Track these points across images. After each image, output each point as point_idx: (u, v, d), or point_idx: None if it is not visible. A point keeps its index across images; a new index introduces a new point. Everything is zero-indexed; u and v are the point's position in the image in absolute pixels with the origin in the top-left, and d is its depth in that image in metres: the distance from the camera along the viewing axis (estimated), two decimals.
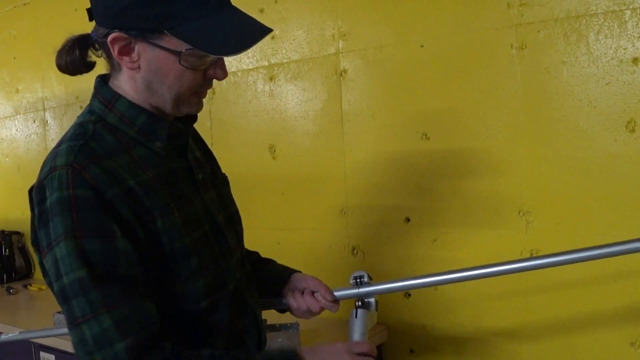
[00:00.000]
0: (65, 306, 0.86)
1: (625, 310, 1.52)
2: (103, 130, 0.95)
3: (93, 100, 1.00)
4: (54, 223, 0.87)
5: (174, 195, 0.96)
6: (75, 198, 0.86)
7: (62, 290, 0.86)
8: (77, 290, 0.84)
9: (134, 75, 0.95)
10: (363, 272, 1.17)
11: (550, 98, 1.58)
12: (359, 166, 1.93)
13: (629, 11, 1.47)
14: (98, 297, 0.84)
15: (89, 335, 0.84)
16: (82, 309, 0.84)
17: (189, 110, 1.01)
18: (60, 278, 0.86)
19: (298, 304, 1.17)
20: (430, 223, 1.80)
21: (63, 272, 0.85)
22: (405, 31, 1.80)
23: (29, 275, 2.99)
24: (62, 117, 2.84)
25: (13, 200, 3.08)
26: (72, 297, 0.85)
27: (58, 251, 0.86)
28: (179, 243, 0.94)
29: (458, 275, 1.12)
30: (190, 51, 0.90)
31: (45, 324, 2.06)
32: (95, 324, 0.84)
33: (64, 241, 0.85)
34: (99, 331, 0.84)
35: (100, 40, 0.96)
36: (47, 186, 0.89)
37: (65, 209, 0.86)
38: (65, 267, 0.85)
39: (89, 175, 0.88)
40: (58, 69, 1.00)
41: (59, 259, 0.86)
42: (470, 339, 1.75)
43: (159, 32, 0.90)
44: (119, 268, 0.87)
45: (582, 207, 1.55)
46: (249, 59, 2.15)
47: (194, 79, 0.95)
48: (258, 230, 2.12)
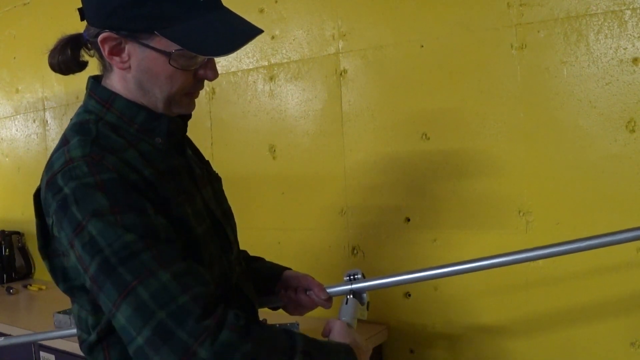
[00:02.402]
0: (112, 278, 0.80)
1: (626, 309, 1.52)
2: (105, 129, 0.94)
3: (88, 100, 0.99)
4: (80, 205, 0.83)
5: (180, 190, 0.96)
6: (102, 182, 0.84)
7: (105, 262, 0.80)
8: (125, 256, 0.80)
9: (125, 75, 0.95)
10: (358, 270, 1.17)
11: (550, 98, 1.58)
12: (359, 166, 1.93)
13: (629, 11, 1.47)
14: (150, 257, 0.80)
15: (147, 295, 0.78)
16: (135, 271, 0.79)
17: (181, 110, 1.00)
18: (102, 250, 0.81)
19: (291, 302, 1.18)
20: (430, 223, 1.80)
21: (104, 244, 0.81)
22: (405, 31, 1.80)
23: (29, 275, 2.99)
24: (62, 117, 2.84)
25: (13, 200, 3.08)
26: (120, 264, 0.80)
27: (91, 229, 0.81)
28: (192, 234, 0.94)
29: (452, 268, 1.13)
30: (180, 52, 0.90)
31: (46, 324, 2.06)
32: (154, 281, 0.78)
33: (97, 218, 0.81)
34: (158, 287, 0.78)
35: (91, 40, 0.96)
36: (62, 178, 0.86)
37: (93, 191, 0.83)
38: (108, 238, 0.81)
39: (109, 163, 0.86)
40: (50, 68, 1.00)
41: (96, 234, 0.81)
42: (470, 339, 1.75)
43: (149, 32, 0.90)
44: (161, 235, 0.84)
45: (582, 207, 1.55)
46: (249, 59, 2.16)
47: (184, 79, 0.95)
48: (258, 230, 2.12)
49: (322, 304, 1.17)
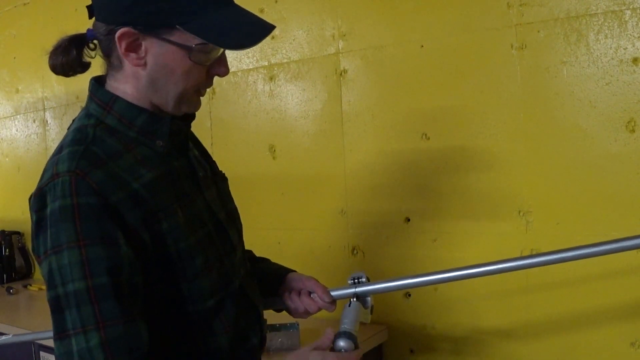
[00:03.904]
0: (57, 315, 0.84)
1: (625, 310, 1.52)
2: (103, 133, 0.93)
3: (90, 103, 0.98)
4: (53, 231, 0.84)
5: (177, 195, 0.96)
6: (78, 206, 0.84)
7: (56, 299, 0.84)
8: (72, 302, 0.83)
9: (139, 72, 0.94)
10: (362, 273, 1.17)
11: (550, 98, 1.58)
12: (359, 166, 1.93)
13: (629, 11, 1.47)
14: (93, 312, 0.82)
15: (75, 349, 0.82)
16: (74, 322, 0.83)
17: (189, 109, 1.00)
18: (56, 287, 0.84)
19: (295, 304, 1.17)
20: (431, 223, 1.80)
21: (59, 282, 0.84)
22: (405, 31, 1.80)
23: (29, 275, 2.99)
24: (62, 117, 2.84)
25: (13, 200, 3.08)
26: (66, 308, 0.83)
27: (55, 260, 0.84)
28: (184, 243, 0.93)
29: (454, 274, 1.12)
30: (200, 46, 0.90)
31: (46, 324, 2.06)
32: (83, 340, 0.82)
33: (66, 250, 0.83)
34: (85, 348, 0.82)
35: (101, 38, 0.95)
36: (49, 193, 0.86)
37: (67, 218, 0.84)
38: (64, 276, 0.83)
39: (92, 181, 0.86)
40: (52, 70, 0.98)
41: (56, 268, 0.84)
42: (470, 339, 1.75)
43: (169, 27, 0.89)
44: (121, 277, 0.85)
45: (582, 207, 1.55)
46: (249, 59, 2.16)
47: (199, 75, 0.95)
48: (258, 230, 2.12)
49: (325, 307, 1.16)
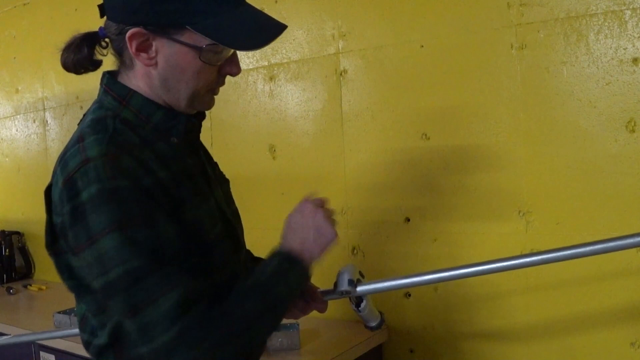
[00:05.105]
0: (118, 297, 0.83)
1: (625, 310, 1.52)
2: (122, 125, 0.92)
3: (104, 97, 0.97)
4: (94, 217, 0.83)
5: (195, 190, 0.96)
6: (116, 189, 0.83)
7: (114, 282, 0.82)
8: (132, 280, 0.81)
9: (150, 71, 0.94)
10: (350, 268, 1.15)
11: (550, 98, 1.58)
12: (359, 166, 1.93)
13: (629, 11, 1.47)
14: (153, 282, 0.82)
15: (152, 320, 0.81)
16: (144, 295, 0.81)
17: (202, 107, 1.00)
18: (109, 271, 0.82)
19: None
20: (430, 223, 1.80)
21: (112, 265, 0.82)
22: (405, 31, 1.80)
23: (29, 275, 2.99)
24: (62, 117, 2.84)
25: (13, 200, 3.08)
26: (128, 287, 0.82)
27: (104, 244, 0.82)
28: (206, 237, 0.94)
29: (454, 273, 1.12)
30: (210, 46, 0.90)
31: (46, 324, 2.06)
32: (156, 307, 0.81)
33: (111, 233, 0.82)
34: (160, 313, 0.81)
35: (112, 37, 0.95)
36: (80, 179, 0.84)
37: (108, 201, 0.83)
38: (116, 259, 0.82)
39: (125, 165, 0.85)
40: (64, 67, 0.98)
41: (105, 253, 0.82)
42: (470, 339, 1.75)
43: (179, 27, 0.89)
44: (168, 252, 0.84)
45: (582, 207, 1.55)
46: (249, 59, 2.15)
47: (210, 75, 0.95)
48: (258, 230, 2.12)
49: (318, 308, 1.18)
